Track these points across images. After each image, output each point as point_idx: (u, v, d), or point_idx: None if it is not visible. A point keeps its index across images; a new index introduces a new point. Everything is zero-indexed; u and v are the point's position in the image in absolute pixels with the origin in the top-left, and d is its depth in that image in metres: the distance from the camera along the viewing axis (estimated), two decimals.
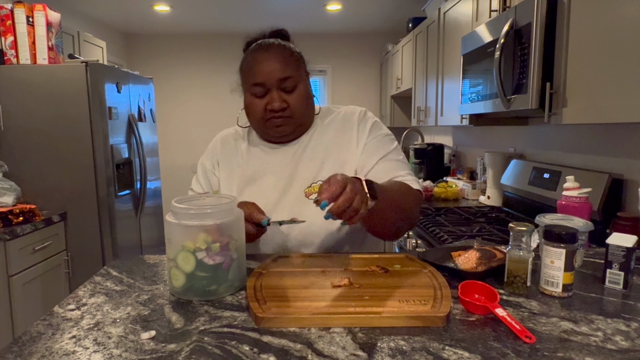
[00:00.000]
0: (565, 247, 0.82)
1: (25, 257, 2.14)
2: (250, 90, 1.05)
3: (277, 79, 1.02)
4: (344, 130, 1.13)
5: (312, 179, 1.09)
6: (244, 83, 1.08)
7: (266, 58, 1.03)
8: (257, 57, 1.04)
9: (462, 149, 3.32)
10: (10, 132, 2.39)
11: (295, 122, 1.08)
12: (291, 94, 1.05)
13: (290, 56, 1.05)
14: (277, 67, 1.02)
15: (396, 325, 0.71)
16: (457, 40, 2.37)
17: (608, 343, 0.66)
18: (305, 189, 1.09)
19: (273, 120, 1.05)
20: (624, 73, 1.13)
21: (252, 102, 1.06)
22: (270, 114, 1.04)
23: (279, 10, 4.06)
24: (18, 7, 2.34)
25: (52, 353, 0.64)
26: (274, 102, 1.03)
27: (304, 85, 1.08)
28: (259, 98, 1.05)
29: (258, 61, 1.04)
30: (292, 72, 1.04)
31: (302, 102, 1.06)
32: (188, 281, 0.81)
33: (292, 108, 1.05)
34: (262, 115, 1.05)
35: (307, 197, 1.08)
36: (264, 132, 1.11)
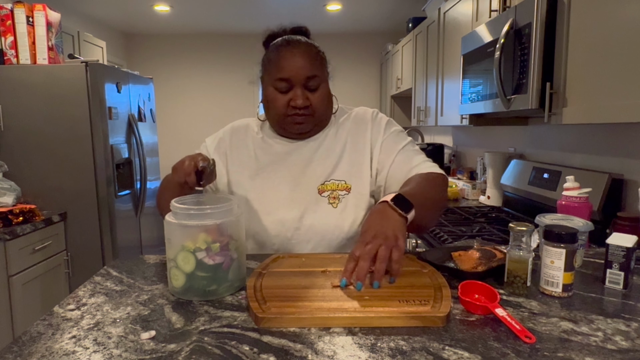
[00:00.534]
0: (565, 247, 0.82)
1: (25, 257, 2.14)
2: (274, 85, 1.05)
3: (303, 77, 1.03)
4: (358, 131, 1.14)
5: (326, 176, 1.10)
6: (268, 76, 1.08)
7: (294, 54, 1.04)
8: (285, 53, 1.04)
9: (462, 149, 3.32)
10: (10, 132, 2.39)
11: (315, 121, 1.09)
12: (314, 93, 1.06)
13: (317, 55, 1.07)
14: (305, 64, 1.03)
15: (396, 325, 0.71)
16: (457, 40, 2.37)
17: (608, 343, 0.66)
18: (319, 186, 1.10)
19: (294, 117, 1.06)
20: (624, 73, 1.13)
21: (274, 97, 1.06)
22: (293, 111, 1.05)
23: (279, 10, 4.06)
24: (18, 7, 2.34)
25: (52, 353, 0.64)
26: (298, 99, 1.03)
27: (327, 85, 1.10)
28: (283, 93, 1.05)
29: (286, 57, 1.04)
30: (318, 72, 1.05)
31: (324, 101, 1.08)
32: (188, 281, 0.81)
33: (314, 107, 1.06)
34: (284, 111, 1.06)
35: (320, 194, 1.09)
36: (282, 127, 1.11)
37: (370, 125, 1.14)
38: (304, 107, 1.04)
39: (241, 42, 5.02)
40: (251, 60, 5.17)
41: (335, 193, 1.09)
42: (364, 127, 1.14)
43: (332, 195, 1.09)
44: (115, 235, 2.56)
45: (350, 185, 1.10)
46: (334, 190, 1.09)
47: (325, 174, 1.10)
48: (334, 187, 1.09)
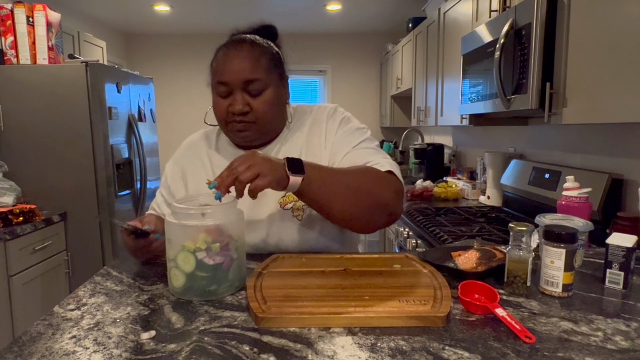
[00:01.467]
0: (565, 247, 0.82)
1: (25, 257, 2.14)
2: (215, 89, 0.99)
3: (242, 80, 0.95)
4: (313, 131, 1.07)
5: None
6: (211, 80, 1.02)
7: (235, 56, 0.96)
8: (226, 54, 0.98)
9: (462, 149, 3.32)
10: (10, 132, 2.39)
11: (258, 129, 1.00)
12: (256, 98, 0.97)
13: (262, 56, 0.98)
14: (245, 67, 0.95)
15: (396, 325, 0.71)
16: (457, 40, 2.37)
17: (608, 343, 0.66)
18: (280, 200, 1.03)
19: (234, 124, 0.99)
20: (624, 73, 1.13)
21: (216, 102, 1.00)
22: (232, 117, 0.98)
23: (279, 10, 4.07)
24: (18, 7, 2.35)
25: (52, 353, 0.64)
26: (236, 105, 0.96)
27: (274, 90, 1.00)
28: (223, 98, 0.98)
29: (226, 58, 0.97)
30: (261, 75, 0.96)
31: (267, 107, 0.98)
32: (188, 281, 0.81)
33: (255, 113, 0.97)
34: (224, 117, 0.99)
35: (282, 207, 1.03)
36: (226, 134, 1.06)
37: (325, 123, 1.06)
38: (242, 113, 0.96)
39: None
40: None
41: (298, 204, 1.02)
42: (318, 125, 1.07)
43: (295, 207, 1.02)
44: (115, 235, 2.56)
45: None
46: (296, 201, 1.02)
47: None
48: (295, 198, 1.02)
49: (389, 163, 0.97)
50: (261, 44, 1.01)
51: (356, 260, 0.99)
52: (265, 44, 1.02)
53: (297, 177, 0.82)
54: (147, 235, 0.94)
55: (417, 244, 2.03)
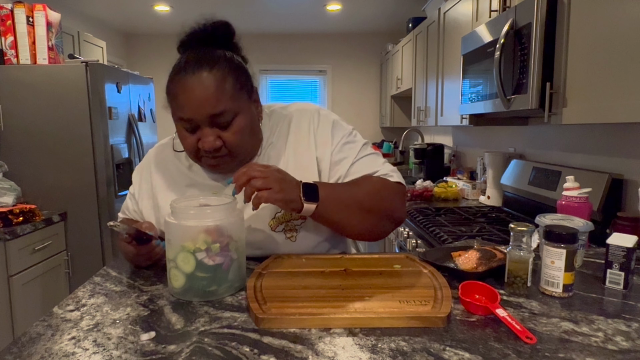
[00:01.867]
0: (565, 247, 0.82)
1: (25, 257, 2.14)
2: (179, 123, 0.90)
3: (207, 115, 0.85)
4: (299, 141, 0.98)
5: (275, 208, 0.96)
6: (172, 110, 0.91)
7: (194, 88, 0.84)
8: (184, 86, 0.86)
9: (462, 149, 3.32)
10: (10, 132, 2.39)
11: (234, 160, 0.93)
12: (227, 130, 0.88)
13: (224, 81, 0.86)
14: (208, 100, 0.84)
15: (396, 326, 0.70)
16: (457, 40, 2.37)
17: (609, 343, 0.66)
18: (270, 221, 0.96)
19: (206, 159, 0.91)
20: (624, 73, 1.13)
21: (183, 136, 0.90)
22: (203, 153, 0.90)
23: (279, 10, 4.06)
24: (18, 7, 2.34)
25: (52, 354, 0.64)
26: (206, 143, 0.86)
27: (245, 116, 0.90)
28: (190, 133, 0.89)
29: (185, 92, 0.86)
30: (227, 104, 0.86)
31: (240, 137, 0.89)
32: (188, 282, 0.81)
33: (229, 146, 0.89)
34: (195, 152, 0.90)
35: (273, 230, 0.96)
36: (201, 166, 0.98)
37: (312, 134, 0.98)
38: (215, 149, 0.88)
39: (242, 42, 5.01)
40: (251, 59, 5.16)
41: (290, 224, 0.96)
42: (306, 138, 0.98)
43: (287, 227, 0.97)
44: (115, 236, 2.56)
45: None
46: (288, 221, 0.96)
47: (272, 207, 0.95)
48: (287, 218, 0.96)
49: (391, 170, 0.99)
50: (221, 66, 0.87)
51: (356, 260, 0.99)
52: (225, 62, 0.89)
53: (311, 205, 0.83)
54: (149, 242, 0.92)
55: (417, 244, 2.03)
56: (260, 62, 5.11)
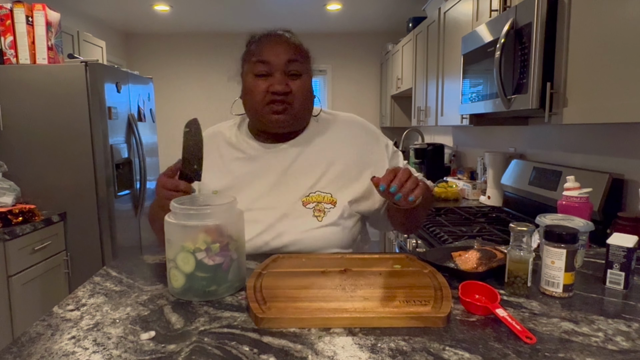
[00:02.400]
0: (565, 248, 0.82)
1: (24, 257, 2.13)
2: (253, 70, 1.00)
3: (284, 60, 0.99)
4: (347, 138, 1.10)
5: (310, 188, 1.05)
6: (247, 65, 1.03)
7: (277, 40, 1.01)
8: (267, 39, 1.02)
9: (462, 149, 3.32)
10: (10, 132, 2.39)
11: (294, 113, 1.02)
12: (295, 80, 1.00)
13: (299, 46, 1.03)
14: (286, 49, 0.99)
15: (396, 326, 0.70)
16: (457, 40, 2.37)
17: (609, 343, 0.66)
18: (303, 198, 1.04)
19: (272, 106, 1.00)
20: (624, 73, 1.13)
21: (253, 84, 1.00)
22: (271, 97, 0.99)
23: (279, 10, 4.06)
24: (17, 6, 2.34)
25: (52, 354, 0.64)
26: (278, 84, 0.98)
27: (309, 78, 1.05)
28: (262, 78, 1.00)
29: (267, 41, 1.01)
30: (300, 58, 1.01)
31: (304, 92, 1.02)
32: (188, 282, 0.81)
33: (294, 94, 1.00)
34: (262, 98, 1.00)
35: (304, 206, 1.04)
36: (260, 119, 1.04)
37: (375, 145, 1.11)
38: (284, 92, 0.98)
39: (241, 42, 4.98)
40: None
41: (320, 206, 1.04)
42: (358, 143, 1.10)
43: (317, 207, 1.04)
44: (115, 236, 2.56)
45: (336, 199, 1.05)
46: (319, 202, 1.04)
47: (309, 185, 1.05)
48: (319, 199, 1.04)
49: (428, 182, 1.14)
50: (297, 38, 1.05)
51: (356, 260, 0.99)
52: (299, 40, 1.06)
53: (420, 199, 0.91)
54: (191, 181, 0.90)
55: (417, 244, 2.03)
56: None
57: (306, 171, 1.06)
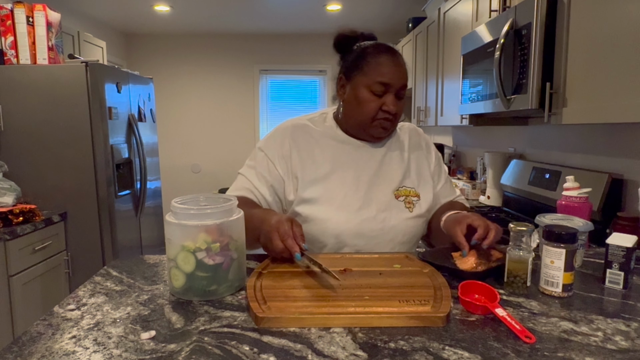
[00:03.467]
0: (565, 247, 0.82)
1: (25, 257, 2.14)
2: (370, 87, 1.07)
3: (400, 85, 1.07)
4: (414, 144, 1.23)
5: (399, 182, 1.15)
6: (363, 77, 1.08)
7: (396, 63, 1.07)
8: (387, 58, 1.07)
9: (462, 149, 3.32)
10: (10, 132, 2.39)
11: (393, 128, 1.15)
12: (399, 102, 1.10)
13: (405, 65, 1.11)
14: (403, 73, 1.08)
15: (396, 325, 0.71)
16: (457, 40, 2.37)
17: (608, 343, 0.66)
18: (394, 191, 1.14)
19: (382, 122, 1.09)
20: (624, 73, 1.13)
21: (368, 99, 1.07)
22: (383, 115, 1.08)
23: (279, 10, 4.07)
24: (18, 7, 2.34)
25: (52, 353, 0.64)
26: (392, 106, 1.07)
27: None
28: (377, 96, 1.07)
29: (387, 63, 1.07)
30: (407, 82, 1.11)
31: (402, 111, 1.14)
32: (188, 281, 0.81)
33: (398, 115, 1.11)
34: (374, 114, 1.08)
35: (396, 198, 1.13)
36: (364, 129, 1.12)
37: (424, 143, 1.25)
38: (394, 113, 1.08)
39: (241, 42, 5.03)
40: (251, 59, 5.18)
41: (409, 199, 1.15)
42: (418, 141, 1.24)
43: (407, 200, 1.14)
44: (115, 235, 2.56)
45: (419, 193, 1.16)
46: (407, 196, 1.15)
47: (398, 180, 1.15)
48: (407, 193, 1.15)
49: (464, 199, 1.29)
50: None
51: (356, 260, 0.99)
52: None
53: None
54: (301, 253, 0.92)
55: None
56: (260, 62, 5.11)
57: (394, 168, 1.16)
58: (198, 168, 5.27)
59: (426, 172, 1.21)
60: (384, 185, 1.14)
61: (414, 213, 1.14)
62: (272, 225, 0.91)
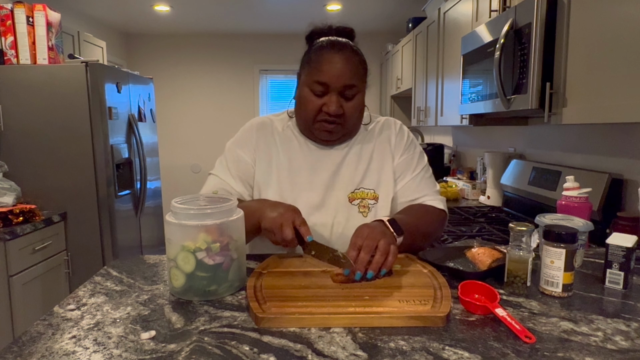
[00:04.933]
0: (565, 247, 0.82)
1: (25, 257, 2.14)
2: (309, 86, 1.02)
3: (341, 84, 1.00)
4: (383, 141, 1.15)
5: (356, 184, 1.10)
6: (305, 76, 1.04)
7: (337, 60, 1.00)
8: (328, 55, 1.01)
9: (462, 149, 3.32)
10: (10, 132, 2.39)
11: (343, 131, 1.07)
12: (349, 102, 1.03)
13: (359, 64, 1.04)
14: (345, 72, 1.00)
15: (396, 325, 0.71)
16: (457, 40, 2.37)
17: (608, 343, 0.66)
18: (349, 194, 1.09)
19: (323, 124, 1.04)
20: (624, 73, 1.13)
21: (308, 98, 1.03)
22: (324, 116, 1.03)
23: (279, 10, 4.07)
24: (18, 7, 2.34)
25: (52, 353, 0.64)
26: (332, 106, 1.00)
27: (362, 96, 1.07)
28: (317, 96, 1.02)
29: (328, 60, 1.00)
30: (357, 81, 1.03)
31: (356, 112, 1.06)
32: (188, 281, 0.81)
33: (346, 116, 1.04)
34: (315, 115, 1.03)
35: (350, 202, 1.09)
36: (309, 131, 1.09)
37: (394, 137, 1.15)
38: (336, 115, 1.02)
39: (241, 42, 5.03)
40: (251, 59, 5.18)
41: (364, 202, 1.09)
42: (387, 137, 1.15)
43: (361, 204, 1.09)
44: (115, 235, 2.56)
45: (378, 194, 1.10)
46: (363, 199, 1.10)
47: (355, 182, 1.10)
48: (363, 196, 1.10)
49: (440, 200, 1.15)
50: (359, 52, 1.05)
51: None
52: (360, 52, 1.06)
53: (400, 238, 0.94)
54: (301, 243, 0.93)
55: None
56: (260, 62, 5.11)
57: (352, 170, 1.11)
58: (198, 168, 5.27)
59: (388, 170, 1.12)
60: (339, 188, 1.09)
61: (368, 218, 1.07)
62: (283, 214, 0.91)
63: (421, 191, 1.13)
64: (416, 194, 1.13)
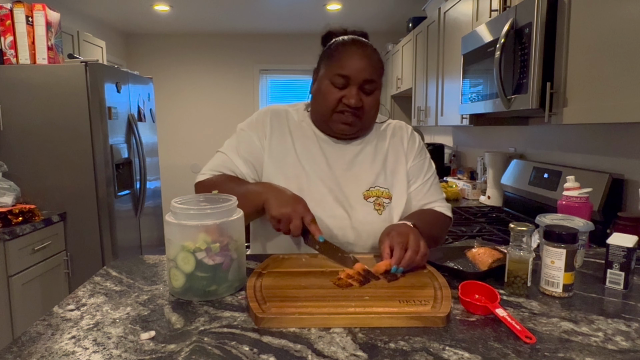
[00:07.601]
0: (565, 247, 0.82)
1: (24, 257, 2.13)
2: (331, 79, 1.04)
3: (362, 78, 1.03)
4: (396, 143, 1.17)
5: (371, 183, 1.11)
6: (326, 70, 1.06)
7: (360, 55, 1.03)
8: (351, 50, 1.04)
9: (462, 149, 3.32)
10: (10, 132, 2.38)
11: (361, 125, 1.09)
12: (368, 97, 1.06)
13: (379, 62, 1.07)
14: (367, 66, 1.03)
15: (396, 326, 0.70)
16: (457, 40, 2.37)
17: (608, 343, 0.66)
18: (364, 192, 1.10)
19: (342, 116, 1.05)
20: (624, 73, 1.13)
21: (328, 90, 1.04)
22: (343, 107, 1.04)
23: (279, 10, 4.06)
24: (17, 6, 2.34)
25: (52, 353, 0.64)
26: (352, 98, 1.02)
27: (379, 94, 1.10)
28: (337, 89, 1.04)
29: (350, 54, 1.03)
30: (376, 77, 1.06)
31: (374, 108, 1.09)
32: (188, 281, 0.81)
33: (364, 110, 1.06)
34: (334, 106, 1.05)
35: (365, 199, 1.10)
36: (326, 124, 1.09)
37: (407, 141, 1.18)
38: (356, 107, 1.04)
39: (241, 42, 5.02)
40: (251, 59, 5.17)
41: (379, 200, 1.11)
42: (400, 139, 1.18)
43: (377, 202, 1.11)
44: (115, 235, 2.56)
45: (392, 194, 1.12)
46: (378, 197, 1.11)
47: (370, 181, 1.11)
48: (378, 194, 1.11)
49: (447, 207, 1.18)
50: (377, 52, 1.09)
51: None
52: (378, 52, 1.09)
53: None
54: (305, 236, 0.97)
55: None
56: (260, 62, 5.11)
57: (367, 168, 1.12)
58: (198, 168, 5.26)
59: (402, 171, 1.15)
60: (354, 185, 1.10)
61: (383, 216, 1.09)
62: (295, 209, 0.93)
63: (431, 197, 1.17)
64: (426, 200, 1.16)
